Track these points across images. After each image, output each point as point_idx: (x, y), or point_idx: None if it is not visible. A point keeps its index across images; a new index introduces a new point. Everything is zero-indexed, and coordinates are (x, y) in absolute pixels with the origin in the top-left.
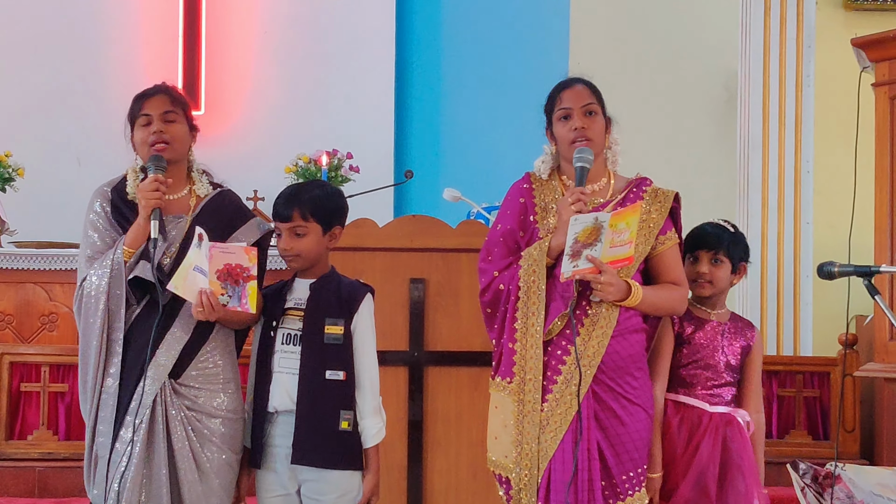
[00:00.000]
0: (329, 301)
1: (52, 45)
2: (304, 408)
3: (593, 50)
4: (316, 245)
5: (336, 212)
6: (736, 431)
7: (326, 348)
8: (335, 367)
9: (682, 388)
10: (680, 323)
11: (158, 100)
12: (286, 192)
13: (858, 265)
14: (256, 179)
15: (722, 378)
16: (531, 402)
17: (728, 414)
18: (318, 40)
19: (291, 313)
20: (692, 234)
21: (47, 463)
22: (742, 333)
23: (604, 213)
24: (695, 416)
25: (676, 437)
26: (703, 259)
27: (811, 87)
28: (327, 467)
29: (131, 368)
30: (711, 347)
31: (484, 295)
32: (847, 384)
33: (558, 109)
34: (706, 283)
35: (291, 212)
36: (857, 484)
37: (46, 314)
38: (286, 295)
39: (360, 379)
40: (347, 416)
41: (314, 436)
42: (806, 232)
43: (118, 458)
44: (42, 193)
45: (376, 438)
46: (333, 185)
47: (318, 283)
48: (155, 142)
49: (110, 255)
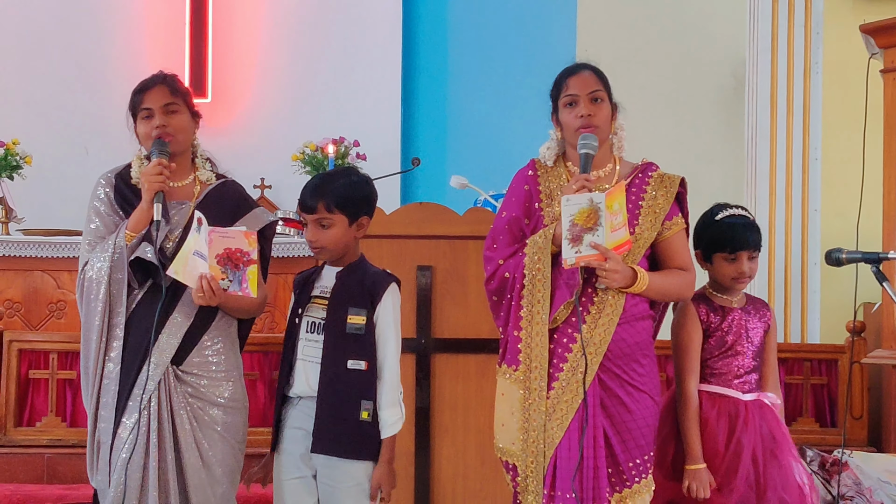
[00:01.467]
0: (353, 290)
1: (60, 34)
2: (325, 396)
3: (601, 37)
4: (342, 236)
5: (363, 201)
6: (768, 414)
7: (348, 338)
8: (357, 356)
9: (713, 378)
10: (706, 315)
11: (158, 91)
12: (312, 183)
13: (866, 252)
14: (264, 167)
15: (750, 364)
16: (537, 390)
17: (759, 399)
18: (325, 28)
19: (317, 301)
20: (728, 232)
21: (56, 449)
22: (760, 314)
23: (598, 193)
24: (731, 407)
25: (717, 430)
26: (744, 258)
27: (819, 74)
28: (346, 457)
29: (133, 353)
30: (738, 335)
31: (490, 283)
32: (855, 371)
33: (564, 96)
34: (746, 279)
35: (317, 203)
36: (864, 471)
37: (54, 301)
38: (314, 282)
39: (382, 369)
40: (367, 406)
41: (334, 425)
42: (814, 219)
43: (121, 444)
44: (50, 181)
45: (393, 429)
46: (361, 173)
47: (344, 271)
48: (158, 136)
49: (112, 239)
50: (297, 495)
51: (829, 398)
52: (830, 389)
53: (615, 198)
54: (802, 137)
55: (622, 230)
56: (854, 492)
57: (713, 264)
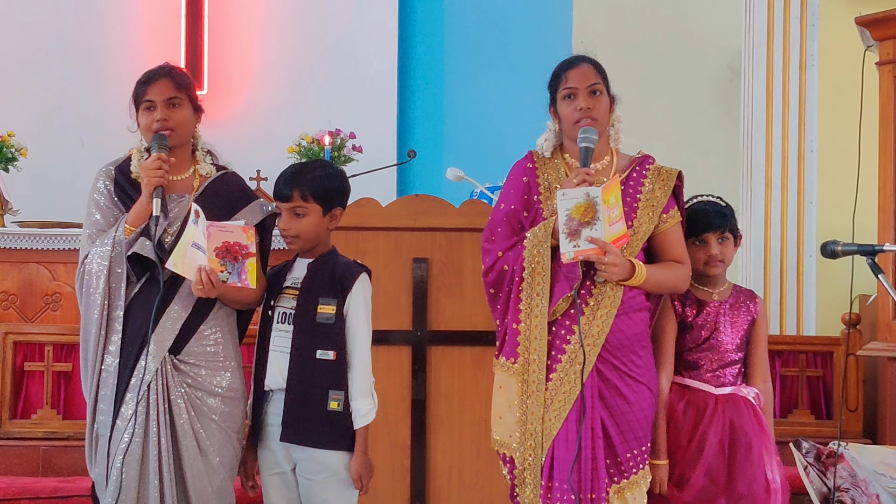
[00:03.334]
0: (323, 280)
1: (55, 25)
2: (293, 386)
3: (597, 29)
4: (315, 226)
5: (337, 193)
6: (741, 409)
7: (318, 328)
8: (326, 346)
9: (686, 371)
10: (682, 307)
11: (162, 84)
12: (287, 172)
13: (862, 244)
14: (260, 160)
15: (727, 358)
16: (535, 382)
17: (733, 394)
18: (322, 20)
19: (287, 292)
20: (693, 217)
21: (51, 442)
22: (745, 307)
23: (594, 188)
24: (700, 400)
25: (682, 423)
26: (712, 240)
27: (815, 66)
28: (315, 446)
29: (131, 345)
30: (714, 329)
31: (488, 275)
32: (850, 363)
33: (563, 88)
34: (718, 262)
35: (291, 192)
36: (859, 463)
37: (50, 294)
38: (286, 274)
39: (352, 359)
40: (337, 397)
41: (303, 414)
42: (809, 211)
43: (119, 435)
44: (45, 173)
45: (365, 419)
46: (336, 166)
47: (315, 262)
48: (159, 129)
49: (112, 232)
50: (277, 490)
51: (825, 390)
52: (826, 382)
53: (611, 191)
54: (798, 129)
55: (619, 223)
56: (849, 483)
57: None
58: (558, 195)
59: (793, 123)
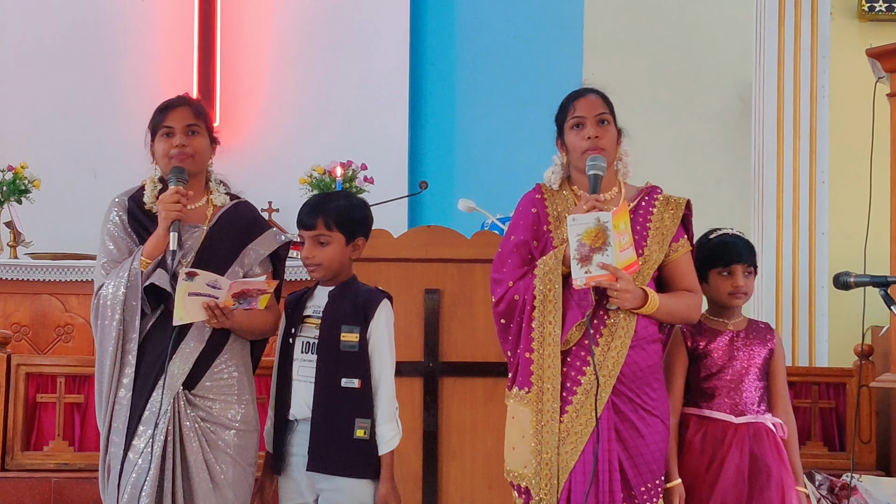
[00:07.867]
0: (345, 308)
1: (68, 56)
2: (319, 416)
3: (607, 60)
4: (338, 255)
5: (360, 223)
6: (762, 438)
7: (342, 356)
8: (350, 374)
9: (703, 401)
10: (692, 338)
11: (182, 112)
12: (311, 202)
13: (874, 275)
14: (271, 191)
15: (745, 387)
16: (550, 412)
17: (754, 423)
18: (333, 51)
19: (309, 321)
20: (721, 248)
21: (63, 474)
22: (761, 338)
23: (604, 213)
24: (719, 430)
25: (699, 455)
26: (739, 272)
27: (826, 97)
28: (342, 475)
29: (145, 378)
30: (729, 357)
31: (498, 305)
32: (863, 395)
33: (571, 118)
34: (742, 294)
35: (315, 220)
36: (873, 495)
37: (62, 325)
38: (306, 302)
39: (377, 386)
40: (363, 425)
41: (329, 443)
42: (821, 242)
43: (130, 468)
44: (58, 205)
45: (390, 445)
46: (359, 197)
47: (336, 290)
48: (177, 155)
49: (127, 264)
50: None
51: (838, 422)
52: (839, 413)
53: (621, 217)
54: (809, 160)
55: (630, 250)
56: None
57: (709, 283)
58: (568, 220)
59: (804, 154)
